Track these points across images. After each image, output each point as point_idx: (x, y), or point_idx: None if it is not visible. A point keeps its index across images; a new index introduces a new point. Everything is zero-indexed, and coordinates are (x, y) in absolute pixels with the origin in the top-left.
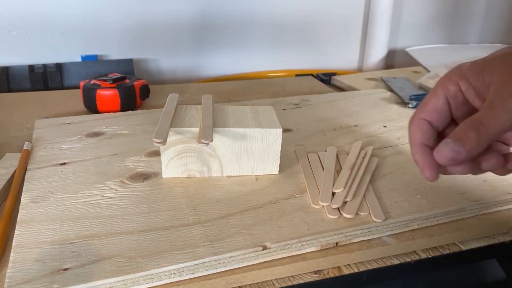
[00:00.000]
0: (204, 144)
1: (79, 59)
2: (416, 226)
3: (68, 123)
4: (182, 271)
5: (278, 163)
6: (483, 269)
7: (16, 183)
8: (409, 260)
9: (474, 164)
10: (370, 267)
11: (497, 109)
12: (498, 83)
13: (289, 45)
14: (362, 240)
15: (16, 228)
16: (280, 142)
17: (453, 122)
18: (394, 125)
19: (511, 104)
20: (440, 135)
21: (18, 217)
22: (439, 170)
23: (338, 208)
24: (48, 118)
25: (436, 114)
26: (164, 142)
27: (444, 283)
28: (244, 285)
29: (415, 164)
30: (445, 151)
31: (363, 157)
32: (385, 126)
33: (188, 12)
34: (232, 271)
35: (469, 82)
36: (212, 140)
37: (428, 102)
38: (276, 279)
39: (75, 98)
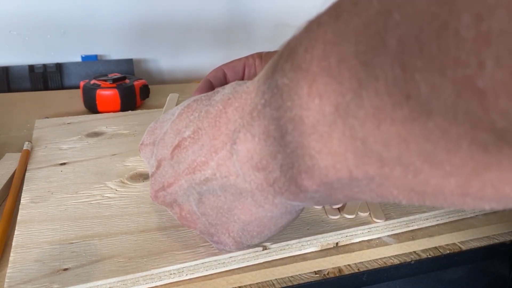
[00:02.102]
0: None
1: (79, 59)
2: (416, 226)
3: (68, 123)
4: (182, 271)
5: None
6: (483, 269)
7: (16, 183)
8: (409, 260)
9: None
10: (370, 267)
11: None
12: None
13: None
14: (362, 240)
15: (16, 228)
16: None
17: None
18: None
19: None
20: None
21: (18, 217)
22: None
23: (338, 208)
24: (48, 118)
25: (232, 70)
26: None
27: (444, 283)
28: (244, 285)
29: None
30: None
31: None
32: None
33: (188, 12)
34: (232, 271)
35: (262, 61)
36: None
37: (232, 62)
38: (276, 279)
39: (75, 98)
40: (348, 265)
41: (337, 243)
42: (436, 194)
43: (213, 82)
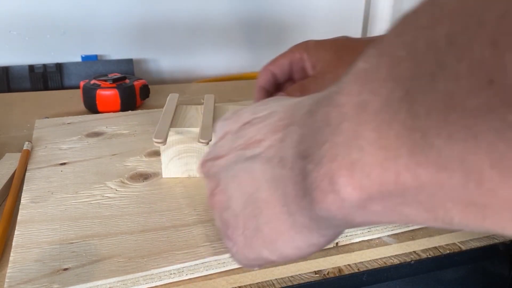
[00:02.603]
0: (203, 144)
1: (79, 59)
2: (416, 226)
3: (68, 123)
4: (182, 271)
5: None
6: (483, 269)
7: (16, 183)
8: (409, 260)
9: None
10: (370, 267)
11: (318, 80)
12: (323, 62)
13: (290, 45)
14: (362, 240)
15: (16, 228)
16: None
17: (292, 81)
18: None
19: (328, 79)
20: (280, 87)
21: (18, 217)
22: None
23: None
24: (48, 118)
25: (280, 69)
26: (164, 142)
27: (444, 283)
28: (244, 285)
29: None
30: None
31: None
32: None
33: (188, 12)
34: (232, 271)
35: (309, 55)
36: (211, 140)
37: (277, 59)
38: (276, 279)
39: (75, 98)
40: (348, 265)
41: (337, 243)
42: (502, 211)
43: (267, 88)
